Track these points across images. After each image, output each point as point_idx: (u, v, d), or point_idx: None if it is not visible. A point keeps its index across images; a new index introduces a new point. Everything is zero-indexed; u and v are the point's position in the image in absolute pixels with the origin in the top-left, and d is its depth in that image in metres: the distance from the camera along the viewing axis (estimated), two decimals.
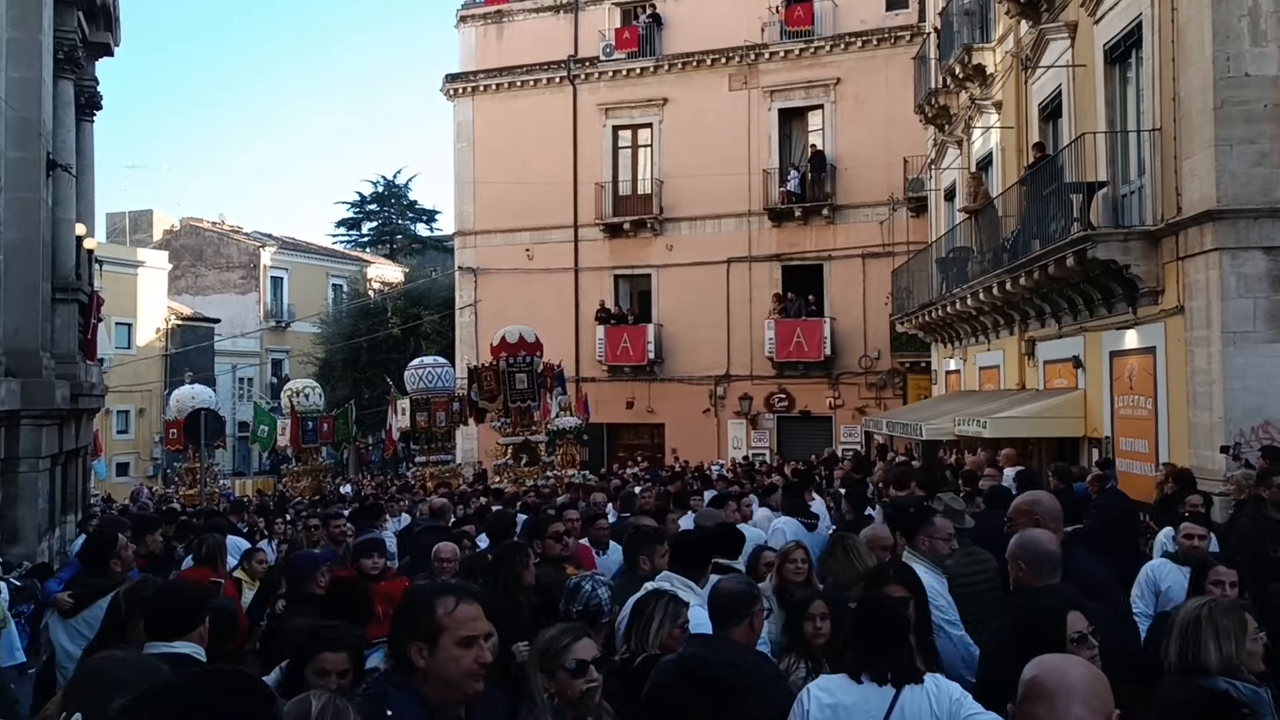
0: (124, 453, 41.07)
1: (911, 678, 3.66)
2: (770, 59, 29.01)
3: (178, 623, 4.09)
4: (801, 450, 24.82)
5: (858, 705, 3.64)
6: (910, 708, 3.60)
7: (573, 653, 3.38)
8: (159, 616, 4.15)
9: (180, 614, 4.14)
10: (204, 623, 4.17)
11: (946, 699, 3.62)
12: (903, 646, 3.81)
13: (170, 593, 4.58)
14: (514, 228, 31.04)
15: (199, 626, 4.14)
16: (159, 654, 3.95)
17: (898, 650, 3.75)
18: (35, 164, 13.98)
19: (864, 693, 3.66)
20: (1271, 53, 10.78)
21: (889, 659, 3.71)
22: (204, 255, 51.09)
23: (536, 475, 19.57)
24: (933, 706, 3.60)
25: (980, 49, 18.39)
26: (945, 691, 3.64)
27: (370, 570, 6.70)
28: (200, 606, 4.24)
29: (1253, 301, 10.74)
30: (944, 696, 3.62)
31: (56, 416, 14.44)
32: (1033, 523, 4.92)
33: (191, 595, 4.49)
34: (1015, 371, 17.29)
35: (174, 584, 5.64)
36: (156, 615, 4.16)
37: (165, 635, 4.06)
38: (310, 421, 25.97)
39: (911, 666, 3.75)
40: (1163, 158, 11.91)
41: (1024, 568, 4.49)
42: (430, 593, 3.03)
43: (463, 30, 32.62)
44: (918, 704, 3.61)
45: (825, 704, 3.66)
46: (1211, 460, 10.64)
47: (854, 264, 27.91)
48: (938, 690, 3.65)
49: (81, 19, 16.05)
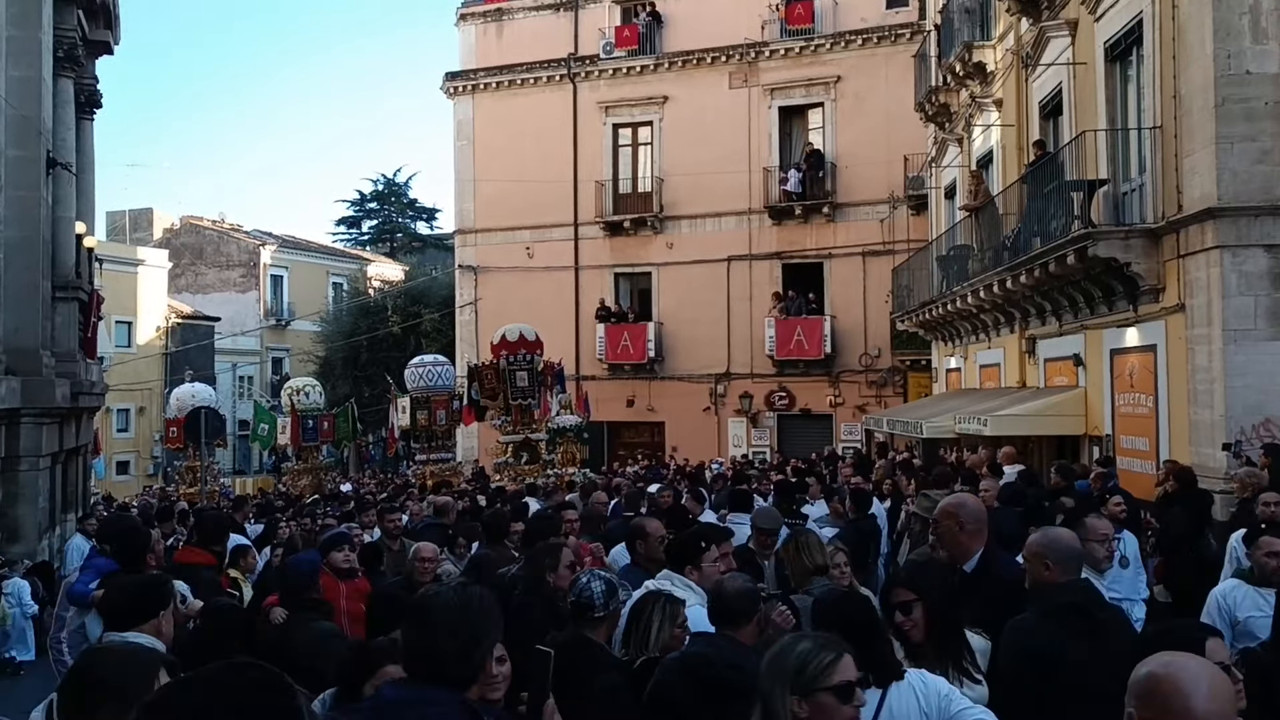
0: (124, 451, 41.10)
1: (894, 674, 3.58)
2: (770, 57, 28.99)
3: (132, 613, 4.07)
4: (802, 448, 24.81)
5: None
6: (898, 706, 3.52)
7: (837, 673, 2.92)
8: (114, 606, 4.14)
9: (133, 604, 4.12)
10: (157, 616, 4.12)
11: (935, 695, 3.55)
12: (877, 644, 3.69)
13: (127, 584, 4.57)
14: (514, 226, 31.03)
15: (153, 619, 4.10)
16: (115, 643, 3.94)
17: (874, 649, 3.63)
18: (35, 162, 13.98)
19: None
20: (1272, 50, 10.77)
21: (867, 659, 3.53)
22: (204, 253, 51.12)
23: (537, 474, 19.55)
24: (920, 704, 3.53)
25: (980, 47, 18.38)
26: (933, 688, 3.58)
27: (341, 564, 6.68)
28: (156, 597, 4.19)
29: (1254, 299, 10.73)
30: (931, 693, 3.55)
31: (56, 415, 14.45)
32: (958, 525, 4.93)
33: (148, 585, 4.44)
34: (1016, 369, 17.28)
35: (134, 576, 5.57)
36: (112, 605, 4.16)
37: (119, 625, 4.06)
38: (310, 420, 25.96)
39: (892, 662, 3.66)
40: (1163, 155, 11.89)
41: (1050, 566, 4.40)
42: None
43: (463, 28, 32.60)
44: (905, 701, 3.53)
45: None
46: (1213, 458, 10.64)
47: (854, 262, 27.90)
48: (925, 687, 3.57)
49: (81, 17, 16.05)
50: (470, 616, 2.82)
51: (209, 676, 1.94)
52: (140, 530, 7.20)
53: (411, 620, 2.88)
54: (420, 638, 2.81)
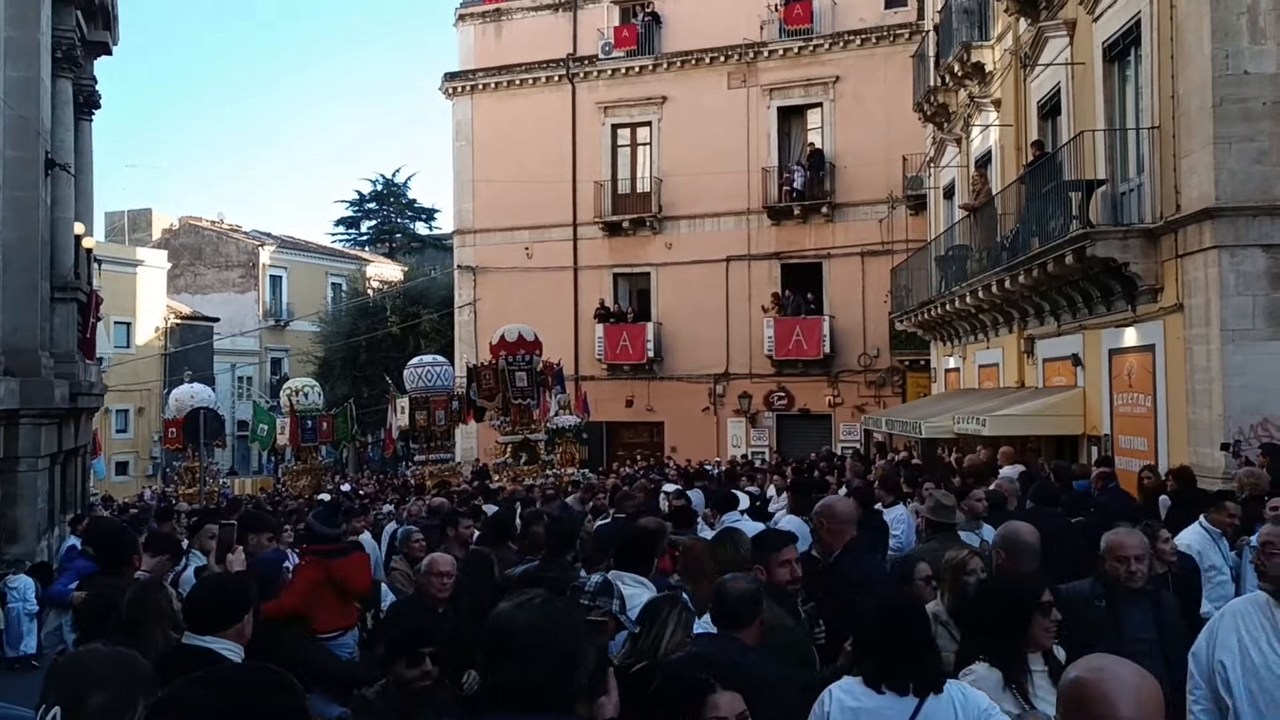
0: (123, 452, 41.09)
1: (934, 687, 3.55)
2: (769, 57, 29.00)
3: (213, 617, 4.01)
4: (801, 449, 24.83)
5: (880, 710, 3.54)
6: (934, 718, 3.51)
7: None
8: (195, 609, 4.10)
9: (213, 608, 4.05)
10: (241, 620, 4.02)
11: (975, 709, 3.51)
12: (925, 655, 3.69)
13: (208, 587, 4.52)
14: (513, 226, 31.02)
15: (236, 623, 4.00)
16: (190, 646, 3.91)
17: (920, 659, 3.64)
18: (34, 163, 13.98)
19: (885, 700, 3.56)
20: (1270, 50, 10.78)
21: (911, 668, 3.60)
22: (203, 254, 51.10)
23: (536, 474, 19.56)
24: (959, 717, 3.50)
25: (979, 47, 18.38)
26: (973, 701, 3.54)
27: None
28: (240, 601, 4.10)
29: (1251, 299, 10.74)
30: (971, 706, 3.52)
31: (55, 416, 14.44)
32: (824, 524, 5.54)
33: (229, 588, 4.34)
34: (1014, 369, 17.29)
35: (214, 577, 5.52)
36: (194, 607, 4.11)
37: (199, 628, 3.99)
38: (309, 420, 25.95)
39: (935, 674, 3.63)
40: (1161, 155, 11.90)
41: (1003, 555, 5.10)
42: None
43: (461, 29, 32.59)
44: (943, 714, 3.51)
45: (847, 707, 3.57)
46: (1211, 458, 10.64)
47: (853, 262, 27.91)
48: (964, 700, 3.54)
49: (80, 18, 16.05)
50: (559, 635, 2.50)
51: (220, 677, 1.95)
52: (127, 535, 6.88)
53: (494, 649, 2.52)
54: (508, 668, 2.44)
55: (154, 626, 4.30)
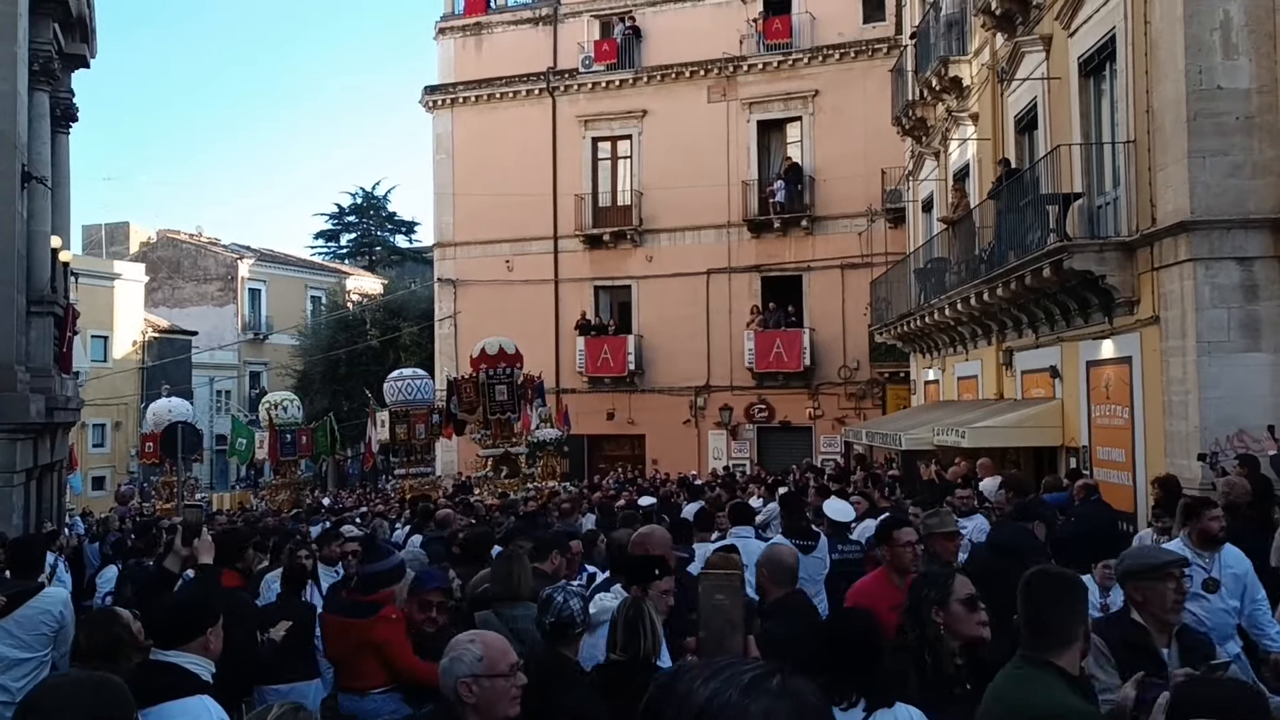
0: (100, 466, 40.70)
1: (883, 702, 3.55)
2: (749, 71, 29.16)
3: (175, 633, 3.99)
4: (782, 461, 24.86)
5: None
6: None
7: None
8: (158, 625, 4.07)
9: (174, 624, 4.03)
10: (204, 634, 4.00)
11: None
12: (875, 669, 3.67)
13: (170, 603, 4.52)
14: (493, 239, 31.01)
15: (199, 637, 3.98)
16: (156, 662, 3.90)
17: (869, 673, 3.63)
18: (10, 176, 13.85)
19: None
20: (1243, 66, 10.90)
21: (858, 679, 3.60)
22: (181, 267, 50.78)
23: (517, 487, 19.50)
24: None
25: (956, 61, 18.53)
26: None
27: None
28: (202, 617, 4.06)
29: (1226, 312, 10.84)
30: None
31: (32, 430, 14.29)
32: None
33: (191, 603, 4.35)
34: (993, 381, 17.39)
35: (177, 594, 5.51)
36: (157, 624, 4.08)
37: (164, 644, 3.98)
38: (289, 434, 25.78)
39: (883, 690, 3.61)
40: (1137, 169, 12.02)
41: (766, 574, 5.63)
42: None
43: (442, 42, 32.63)
44: None
45: None
46: (1188, 469, 10.72)
47: (833, 275, 28.03)
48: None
49: (57, 30, 15.95)
50: None
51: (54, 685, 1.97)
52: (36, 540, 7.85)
53: None
54: None
55: (118, 654, 4.28)
